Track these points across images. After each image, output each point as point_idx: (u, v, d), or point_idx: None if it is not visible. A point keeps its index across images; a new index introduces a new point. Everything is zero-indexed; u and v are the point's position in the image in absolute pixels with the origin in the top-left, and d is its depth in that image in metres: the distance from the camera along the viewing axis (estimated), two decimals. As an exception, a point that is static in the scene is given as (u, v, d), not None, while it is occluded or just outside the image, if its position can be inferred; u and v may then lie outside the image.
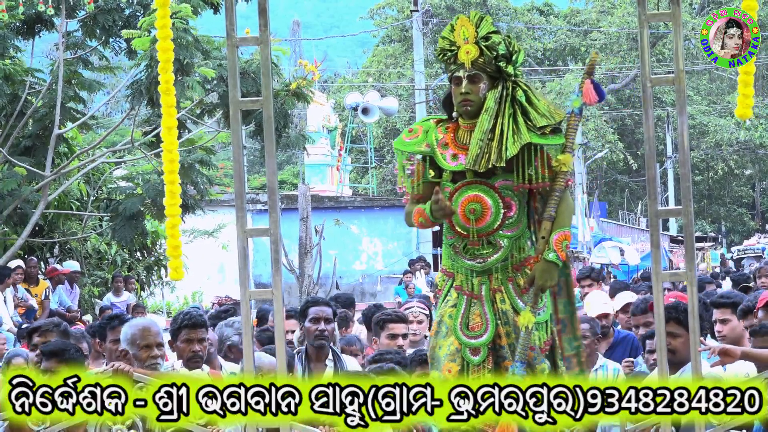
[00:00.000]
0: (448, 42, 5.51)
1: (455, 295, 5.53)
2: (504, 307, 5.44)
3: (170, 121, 6.24)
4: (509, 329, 5.41)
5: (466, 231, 5.45)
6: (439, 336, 5.53)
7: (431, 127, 5.60)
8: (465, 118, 5.50)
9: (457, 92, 5.48)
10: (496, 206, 5.44)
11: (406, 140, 5.63)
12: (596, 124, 46.31)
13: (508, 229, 5.46)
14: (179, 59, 14.38)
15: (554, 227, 5.42)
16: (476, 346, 5.43)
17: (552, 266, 5.39)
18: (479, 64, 5.45)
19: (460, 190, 5.48)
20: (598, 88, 5.51)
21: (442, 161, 5.50)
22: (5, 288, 14.91)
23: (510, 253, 5.46)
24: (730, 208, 57.79)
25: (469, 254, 5.48)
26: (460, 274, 5.53)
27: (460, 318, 5.48)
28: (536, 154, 5.42)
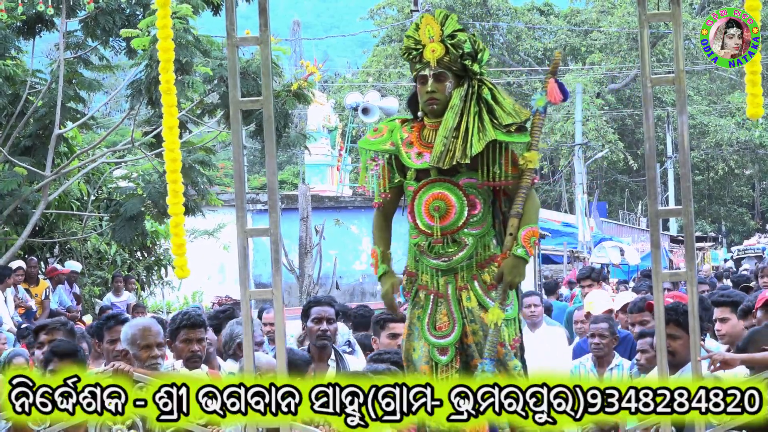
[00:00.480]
0: (414, 41, 5.50)
1: (422, 296, 5.52)
2: (470, 305, 5.43)
3: (171, 121, 6.24)
4: (476, 327, 5.40)
5: (430, 229, 5.44)
6: (411, 339, 5.53)
7: (396, 127, 5.60)
8: (430, 117, 5.50)
9: (423, 91, 5.46)
10: (460, 204, 5.42)
11: (371, 139, 5.62)
12: (596, 124, 46.30)
13: (472, 227, 5.45)
14: (179, 59, 14.38)
15: (522, 224, 5.40)
16: (444, 345, 5.42)
17: (521, 262, 5.39)
18: (445, 62, 5.45)
19: (424, 188, 5.46)
20: (562, 87, 5.54)
21: (407, 159, 5.49)
22: (5, 288, 14.91)
23: (475, 251, 5.45)
24: (730, 208, 57.80)
25: (434, 253, 5.47)
26: (425, 274, 5.52)
27: (427, 318, 5.47)
28: (502, 152, 5.42)
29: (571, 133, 43.55)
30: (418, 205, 5.47)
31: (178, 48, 14.39)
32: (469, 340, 5.41)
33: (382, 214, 5.73)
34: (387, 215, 5.75)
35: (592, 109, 46.52)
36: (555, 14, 53.51)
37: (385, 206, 5.69)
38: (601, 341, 8.08)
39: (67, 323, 7.55)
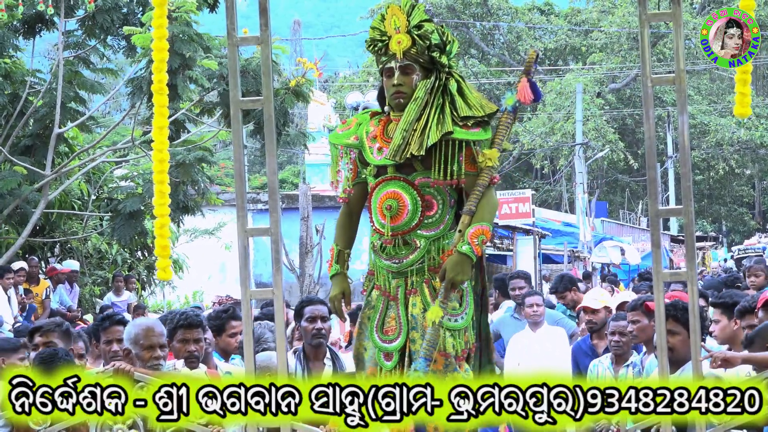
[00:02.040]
0: (379, 32, 5.31)
1: (375, 296, 5.35)
2: (414, 311, 5.23)
3: (162, 121, 6.24)
4: (416, 335, 5.21)
5: (383, 228, 5.28)
6: (362, 338, 5.37)
7: (365, 120, 5.42)
8: (396, 110, 5.31)
9: (389, 84, 5.30)
10: (414, 204, 5.22)
11: (340, 132, 5.47)
12: (597, 123, 46.29)
13: (426, 229, 5.24)
14: (182, 54, 14.40)
15: (473, 221, 5.18)
16: (389, 350, 5.25)
17: (465, 259, 5.12)
18: (412, 54, 5.26)
19: (380, 185, 5.29)
20: (534, 87, 5.35)
21: (369, 154, 5.33)
22: (6, 288, 14.91)
23: (428, 255, 5.23)
24: (730, 208, 57.78)
25: (385, 253, 5.29)
26: (380, 274, 5.36)
27: (377, 320, 5.30)
28: (461, 150, 5.21)
29: (572, 132, 43.53)
30: (374, 202, 5.30)
31: (181, 43, 14.42)
32: (415, 347, 5.22)
33: (348, 210, 5.54)
34: (352, 212, 5.56)
35: (593, 109, 46.49)
36: (555, 14, 53.49)
37: (351, 202, 5.50)
38: (620, 339, 8.01)
39: (62, 324, 7.51)
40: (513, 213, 28.88)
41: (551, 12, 53.60)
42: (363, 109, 5.59)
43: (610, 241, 35.59)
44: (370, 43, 5.33)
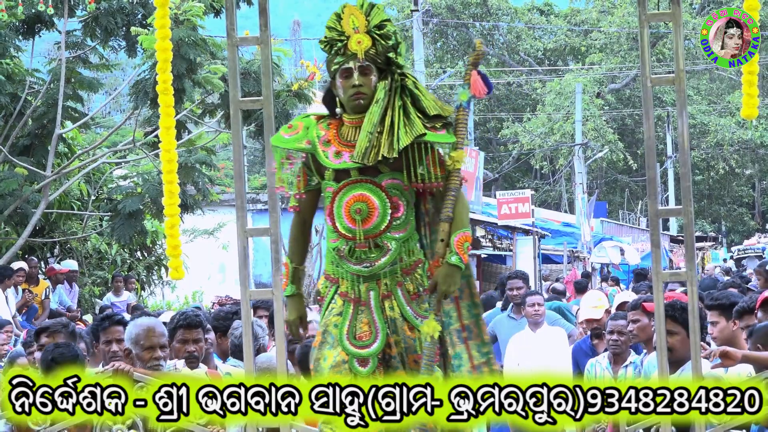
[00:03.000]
0: (336, 32, 5.13)
1: (340, 303, 5.17)
2: (393, 315, 5.12)
3: (168, 121, 6.25)
4: (398, 338, 5.11)
5: (352, 233, 5.09)
6: (324, 347, 5.15)
7: (312, 124, 5.22)
8: (352, 112, 5.14)
9: (348, 85, 5.10)
10: (383, 206, 5.09)
11: (285, 137, 5.23)
12: (596, 123, 46.31)
13: (395, 231, 5.12)
14: (189, 58, 14.42)
15: (453, 229, 5.08)
16: (364, 356, 5.08)
17: (455, 270, 5.05)
18: (370, 54, 5.10)
19: (344, 189, 5.12)
20: (485, 79, 5.26)
21: (324, 159, 5.13)
22: (6, 288, 14.92)
23: (399, 257, 5.13)
24: (730, 208, 57.79)
25: (355, 258, 5.12)
26: (345, 280, 5.17)
27: (347, 327, 5.12)
28: (428, 153, 5.10)
29: (571, 133, 43.55)
30: (338, 207, 5.12)
31: (187, 47, 14.44)
32: (393, 351, 5.11)
33: (300, 219, 5.35)
34: (305, 221, 5.36)
35: (592, 109, 46.51)
36: (555, 14, 53.50)
37: (303, 210, 5.30)
38: (619, 338, 8.00)
39: (68, 325, 7.52)
40: (512, 213, 28.86)
41: (551, 12, 53.61)
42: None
43: (609, 242, 35.58)
44: (326, 43, 5.16)
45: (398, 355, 5.10)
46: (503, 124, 50.41)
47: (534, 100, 50.41)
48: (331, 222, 5.13)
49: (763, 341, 6.52)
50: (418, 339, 5.08)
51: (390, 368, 5.09)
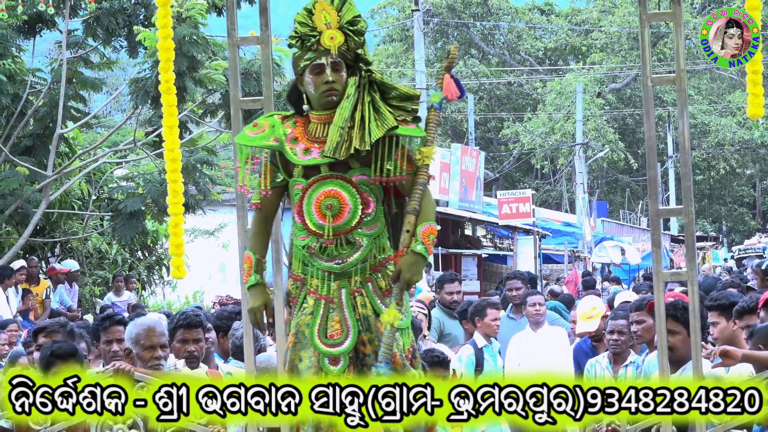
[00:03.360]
0: (309, 27, 5.07)
1: (311, 302, 5.11)
2: (365, 312, 5.07)
3: (171, 121, 6.25)
4: (371, 336, 5.05)
5: (322, 229, 5.05)
6: (298, 348, 5.10)
7: (277, 122, 5.19)
8: (322, 109, 5.10)
9: (320, 81, 5.05)
10: (354, 202, 5.06)
11: (251, 135, 5.17)
12: (597, 123, 46.31)
13: (366, 227, 5.09)
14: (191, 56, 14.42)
15: (419, 220, 5.05)
16: (335, 355, 5.02)
17: (420, 259, 5.01)
18: (341, 51, 5.07)
19: (314, 185, 5.07)
20: (458, 83, 5.25)
21: (293, 156, 5.09)
22: (7, 288, 14.92)
23: (370, 253, 5.10)
24: (731, 208, 57.78)
25: (326, 255, 5.07)
26: (314, 278, 5.12)
27: (318, 326, 5.07)
28: (396, 147, 5.07)
29: (572, 132, 43.55)
30: (307, 204, 5.07)
31: (189, 45, 14.44)
32: (366, 349, 5.06)
33: (262, 216, 5.28)
34: (267, 217, 5.31)
35: (593, 109, 46.51)
36: (556, 14, 53.50)
37: (265, 207, 5.25)
38: (619, 338, 7.98)
39: (66, 324, 7.51)
40: (513, 213, 28.87)
41: (551, 12, 53.60)
42: None
43: (610, 241, 35.59)
44: (297, 39, 5.11)
45: (372, 353, 5.03)
46: (504, 124, 50.42)
47: (535, 100, 50.41)
48: (301, 219, 5.10)
49: (764, 341, 6.52)
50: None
51: (364, 366, 5.03)
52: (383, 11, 51.49)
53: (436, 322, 10.13)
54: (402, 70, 47.52)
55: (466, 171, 29.60)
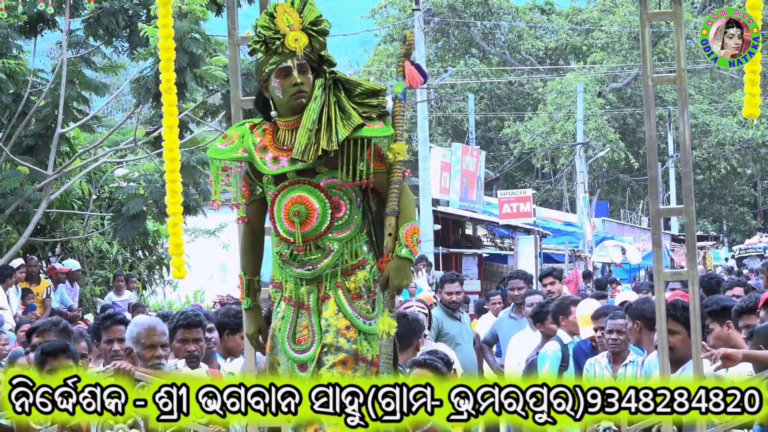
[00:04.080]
0: (272, 31, 4.98)
1: (284, 307, 5.08)
2: (327, 314, 5.00)
3: (171, 120, 6.25)
4: (330, 338, 4.96)
5: (292, 236, 4.99)
6: (274, 352, 5.10)
7: (246, 132, 5.11)
8: (290, 113, 5.01)
9: (287, 84, 4.96)
10: (322, 207, 4.98)
11: (221, 147, 5.12)
12: (597, 123, 46.31)
13: (337, 231, 5.00)
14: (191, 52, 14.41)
15: (400, 222, 4.98)
16: (303, 360, 4.98)
17: (406, 263, 4.95)
18: (306, 52, 4.99)
19: (282, 192, 5.00)
20: (419, 68, 5.12)
21: (262, 166, 5.02)
22: (8, 287, 14.93)
23: (341, 258, 5.01)
24: (731, 207, 57.77)
25: (297, 261, 5.01)
26: (288, 284, 5.07)
27: (287, 331, 5.03)
28: (366, 147, 4.99)
29: (573, 132, 43.54)
30: (277, 210, 5.01)
31: (190, 41, 14.44)
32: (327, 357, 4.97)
33: (249, 230, 5.24)
34: (254, 231, 5.26)
35: (594, 108, 46.50)
36: (556, 13, 53.49)
37: (251, 221, 5.21)
38: (618, 337, 7.99)
39: (59, 323, 7.48)
40: (514, 212, 28.88)
41: (552, 11, 53.60)
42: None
43: (611, 241, 35.60)
44: (260, 42, 5.01)
45: (326, 360, 4.95)
46: (504, 124, 50.41)
47: (535, 100, 50.41)
48: (273, 226, 5.06)
49: (764, 341, 6.52)
50: (355, 340, 4.96)
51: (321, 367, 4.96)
52: (383, 11, 51.47)
53: (435, 322, 10.12)
54: (402, 70, 47.46)
55: (466, 170, 29.60)
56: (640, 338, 7.46)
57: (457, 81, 48.39)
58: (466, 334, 10.57)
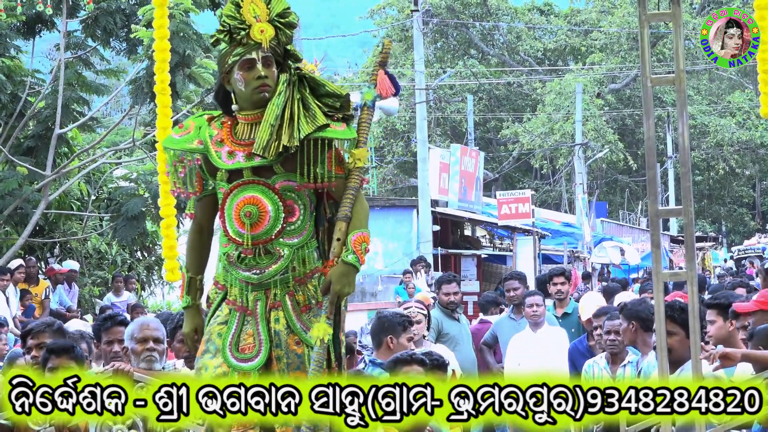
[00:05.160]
0: (238, 21, 4.79)
1: (227, 311, 4.87)
2: (277, 327, 4.82)
3: (165, 121, 6.25)
4: (281, 352, 4.83)
5: (241, 237, 4.79)
6: (205, 356, 4.88)
7: (204, 123, 4.92)
8: (253, 107, 4.84)
9: (251, 77, 4.79)
10: (275, 210, 4.79)
11: (177, 137, 4.91)
12: (596, 123, 46.32)
13: (289, 236, 4.81)
14: (179, 52, 14.40)
15: (350, 228, 4.81)
16: (246, 370, 4.81)
17: (351, 270, 4.78)
18: (272, 45, 4.82)
19: (235, 190, 4.81)
20: (393, 79, 4.98)
21: (217, 159, 4.84)
22: (6, 288, 14.92)
23: (291, 265, 4.82)
24: (730, 208, 57.80)
25: (244, 264, 4.82)
26: (234, 287, 4.86)
27: (231, 337, 4.84)
28: (326, 150, 4.82)
29: (571, 133, 43.55)
30: (228, 209, 4.81)
31: (180, 40, 14.42)
32: (274, 366, 4.84)
33: (197, 227, 5.04)
34: (202, 229, 5.05)
35: (592, 109, 46.50)
36: (555, 14, 53.50)
37: (199, 216, 5.01)
38: (616, 338, 7.99)
39: (53, 324, 7.47)
40: (513, 213, 28.88)
41: (551, 12, 53.60)
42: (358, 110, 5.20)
43: (609, 242, 35.61)
44: (225, 32, 4.81)
45: (279, 371, 4.83)
46: (503, 124, 50.41)
47: (534, 100, 50.41)
48: (222, 225, 4.86)
49: (764, 342, 6.52)
50: (305, 354, 4.83)
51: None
52: (383, 11, 51.47)
53: (434, 322, 10.11)
54: (401, 71, 47.53)
55: (465, 171, 29.60)
56: (635, 339, 7.47)
57: (456, 82, 48.39)
58: (465, 335, 10.57)
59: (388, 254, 25.56)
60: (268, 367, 4.84)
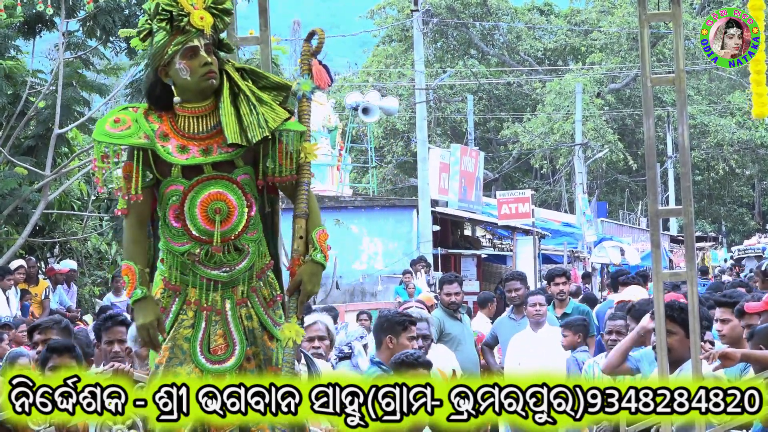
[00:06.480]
0: (177, 9, 4.60)
1: (191, 314, 4.72)
2: (251, 325, 4.74)
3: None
4: (257, 350, 4.75)
5: (209, 235, 4.64)
6: (172, 364, 4.72)
7: (140, 117, 4.68)
8: (197, 98, 4.67)
9: (197, 64, 4.59)
10: (241, 205, 4.67)
11: (114, 131, 4.63)
12: (596, 123, 46.33)
13: (251, 231, 4.72)
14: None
15: (310, 226, 4.73)
16: (221, 371, 4.71)
17: (320, 268, 4.73)
18: (210, 33, 4.66)
19: (197, 187, 4.65)
20: (327, 69, 4.86)
21: (168, 155, 4.63)
22: (6, 288, 14.92)
23: (254, 260, 4.75)
24: (730, 208, 57.80)
25: (212, 263, 4.68)
26: (194, 288, 4.71)
27: (200, 340, 4.72)
28: (276, 143, 4.70)
29: (571, 133, 43.54)
30: (191, 207, 4.64)
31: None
32: (251, 365, 4.76)
33: (136, 221, 4.74)
34: (142, 222, 4.77)
35: (592, 109, 46.50)
36: (555, 14, 53.50)
37: (138, 211, 4.72)
38: (618, 338, 7.98)
39: (61, 321, 7.48)
40: (513, 213, 28.88)
41: (551, 12, 53.60)
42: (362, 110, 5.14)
43: (609, 242, 35.60)
44: (164, 19, 4.60)
45: (256, 368, 4.76)
46: (503, 124, 50.41)
47: (534, 100, 50.41)
48: (181, 224, 4.67)
49: (764, 342, 6.53)
50: (277, 349, 4.78)
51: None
52: (383, 11, 51.47)
53: (437, 323, 10.11)
54: (401, 71, 47.53)
55: (465, 171, 29.60)
56: (644, 340, 7.45)
57: (456, 82, 48.38)
58: (467, 335, 10.56)
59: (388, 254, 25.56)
60: (243, 366, 4.76)
